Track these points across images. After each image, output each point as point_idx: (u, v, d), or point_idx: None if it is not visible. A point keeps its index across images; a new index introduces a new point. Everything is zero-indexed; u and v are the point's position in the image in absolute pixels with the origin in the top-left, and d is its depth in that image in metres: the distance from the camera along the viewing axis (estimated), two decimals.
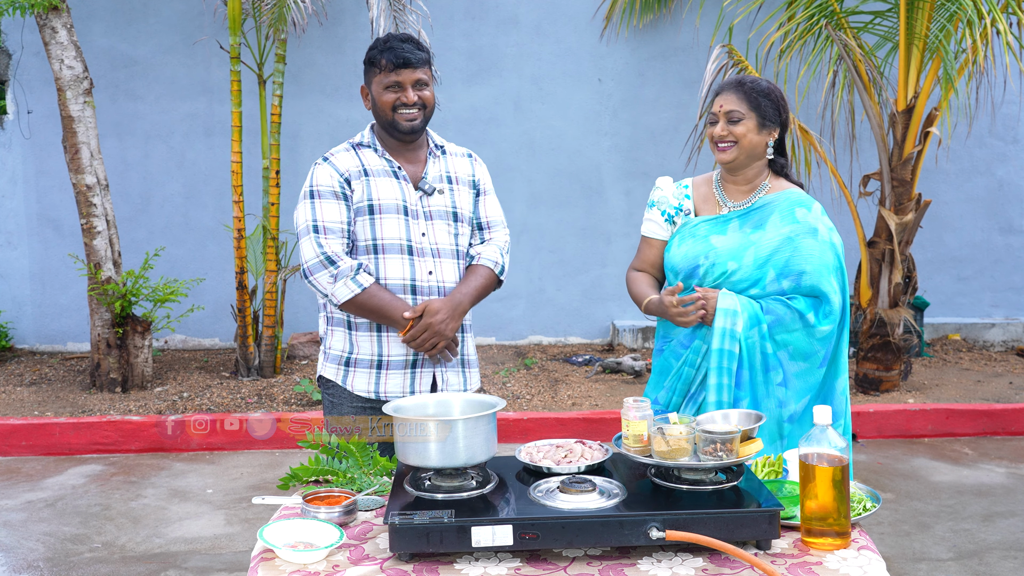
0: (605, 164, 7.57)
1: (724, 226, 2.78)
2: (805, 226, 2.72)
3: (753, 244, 2.72)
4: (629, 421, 2.21)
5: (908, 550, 4.24)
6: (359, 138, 2.92)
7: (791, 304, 2.68)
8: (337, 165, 2.84)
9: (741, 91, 2.75)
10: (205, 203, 7.46)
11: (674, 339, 2.82)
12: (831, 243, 2.74)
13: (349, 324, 2.86)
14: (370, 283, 2.76)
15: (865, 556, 1.98)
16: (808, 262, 2.69)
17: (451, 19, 7.37)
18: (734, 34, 6.92)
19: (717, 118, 2.76)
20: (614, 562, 1.96)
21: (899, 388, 6.30)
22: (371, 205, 2.81)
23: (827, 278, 2.70)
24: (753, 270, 2.71)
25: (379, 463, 2.47)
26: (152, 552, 4.29)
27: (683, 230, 2.83)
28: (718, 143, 2.77)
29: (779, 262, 2.70)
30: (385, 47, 2.80)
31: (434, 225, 2.86)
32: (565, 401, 6.16)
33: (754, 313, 2.68)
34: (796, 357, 2.71)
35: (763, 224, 2.75)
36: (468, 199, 2.95)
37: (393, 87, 2.80)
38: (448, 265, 2.88)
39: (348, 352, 2.87)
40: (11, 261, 7.49)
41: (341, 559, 2.00)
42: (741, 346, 2.66)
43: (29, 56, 7.27)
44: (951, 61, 5.67)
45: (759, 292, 2.71)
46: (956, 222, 7.69)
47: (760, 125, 2.74)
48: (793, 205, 2.76)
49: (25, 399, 6.24)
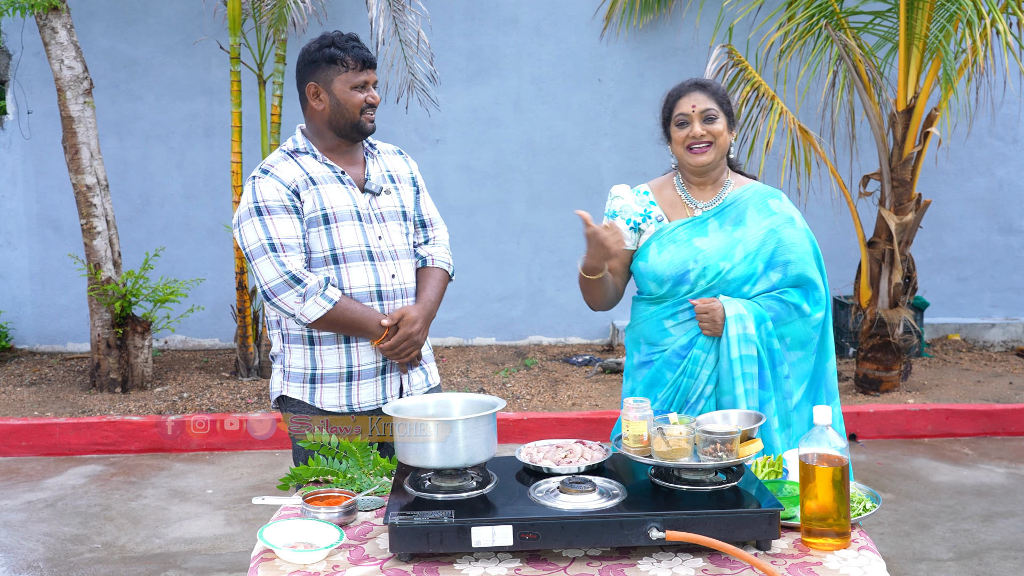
0: (605, 164, 7.57)
1: (703, 227, 2.74)
2: (783, 216, 2.74)
3: (740, 241, 2.71)
4: (629, 421, 2.21)
5: (908, 550, 4.24)
6: (292, 144, 2.78)
7: (784, 299, 2.70)
8: (281, 177, 2.69)
9: (708, 91, 2.73)
10: (205, 203, 7.46)
11: (668, 349, 2.75)
12: (806, 229, 2.78)
13: (310, 339, 2.73)
14: (339, 297, 2.65)
15: (865, 556, 1.98)
16: (792, 251, 2.71)
17: (451, 19, 7.37)
18: (734, 34, 6.92)
19: (688, 119, 2.70)
20: (614, 562, 1.96)
21: (899, 388, 6.30)
22: (325, 214, 2.68)
23: (811, 264, 2.73)
24: (745, 267, 2.69)
25: (379, 463, 2.46)
26: (152, 552, 4.29)
27: (660, 237, 2.75)
28: (692, 145, 2.70)
29: (766, 255, 2.70)
30: (348, 45, 2.69)
31: (388, 227, 2.78)
32: (565, 401, 6.16)
33: (758, 313, 2.68)
34: (794, 347, 2.73)
35: (742, 220, 2.73)
36: (411, 197, 2.88)
37: (360, 87, 2.71)
38: (406, 266, 2.81)
39: (311, 368, 2.75)
40: (11, 261, 7.49)
41: (341, 559, 2.00)
42: (758, 347, 2.66)
43: (29, 56, 7.27)
44: (951, 61, 5.67)
45: (750, 288, 2.71)
46: (956, 222, 7.69)
47: (729, 124, 2.74)
48: (765, 197, 2.77)
49: (25, 399, 6.24)
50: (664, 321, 2.75)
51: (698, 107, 2.70)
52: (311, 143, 2.78)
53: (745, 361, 2.64)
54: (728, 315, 2.64)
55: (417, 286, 2.85)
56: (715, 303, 2.66)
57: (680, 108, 2.72)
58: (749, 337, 2.64)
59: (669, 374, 2.74)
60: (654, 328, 2.77)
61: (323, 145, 2.78)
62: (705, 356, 2.69)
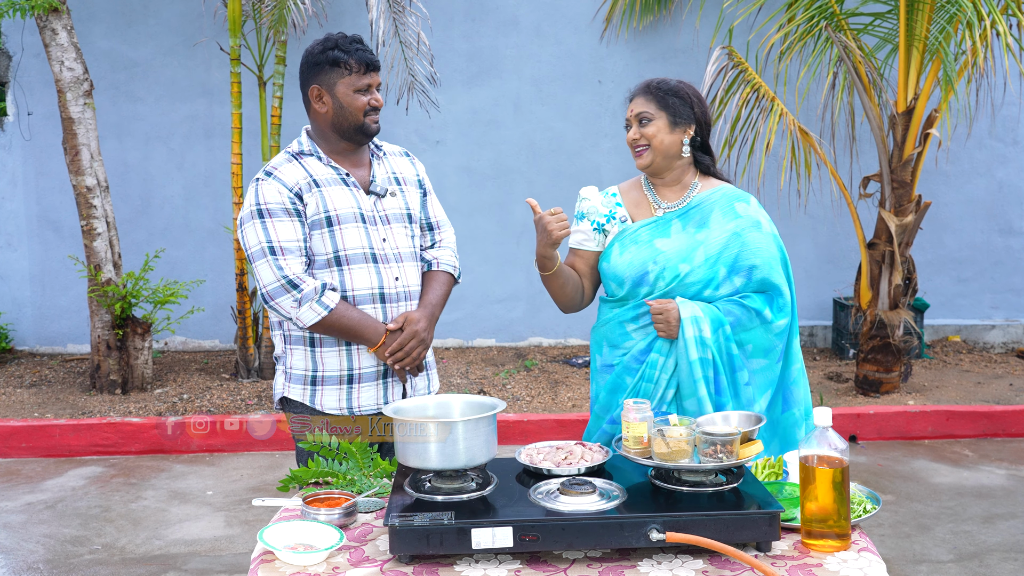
0: (605, 166, 7.57)
1: (666, 228, 2.70)
2: (748, 219, 2.68)
3: (701, 243, 2.66)
4: (629, 423, 2.21)
5: (908, 552, 4.23)
6: (297, 146, 2.78)
7: (746, 303, 2.64)
8: (284, 180, 2.69)
9: (648, 92, 2.71)
10: (205, 205, 7.46)
11: (627, 353, 2.72)
12: (774, 235, 2.71)
13: (311, 341, 2.73)
14: (336, 303, 2.65)
15: (865, 558, 1.98)
16: (757, 255, 2.65)
17: (451, 21, 7.37)
18: (734, 36, 6.92)
19: (630, 123, 2.72)
20: (614, 564, 1.96)
21: (899, 390, 6.30)
22: (328, 217, 2.68)
23: (776, 270, 2.66)
24: (706, 270, 2.64)
25: (379, 465, 2.46)
26: (152, 554, 4.29)
27: (622, 237, 2.72)
28: (634, 148, 2.71)
29: (728, 258, 2.65)
30: (351, 48, 2.69)
31: (392, 229, 2.77)
32: (565, 403, 6.16)
33: (716, 316, 2.62)
34: (756, 354, 2.67)
35: (706, 222, 2.68)
36: (416, 199, 2.87)
37: (364, 90, 2.70)
38: (411, 269, 2.80)
39: (312, 370, 2.75)
40: (11, 263, 7.49)
41: (341, 561, 2.00)
42: (712, 352, 2.60)
43: (29, 58, 7.27)
44: (951, 63, 5.67)
45: (712, 293, 2.65)
46: (956, 224, 7.69)
47: (672, 124, 2.68)
48: (731, 200, 2.71)
49: (25, 401, 6.24)
50: (626, 324, 2.71)
51: (634, 111, 2.70)
52: (316, 145, 2.77)
53: (703, 364, 2.59)
54: (683, 316, 2.59)
55: (421, 289, 2.84)
56: (670, 304, 2.61)
57: (627, 111, 2.75)
58: (704, 340, 2.59)
59: (629, 379, 2.70)
60: (615, 330, 2.73)
61: (328, 147, 2.77)
62: (664, 360, 2.64)
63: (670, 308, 2.60)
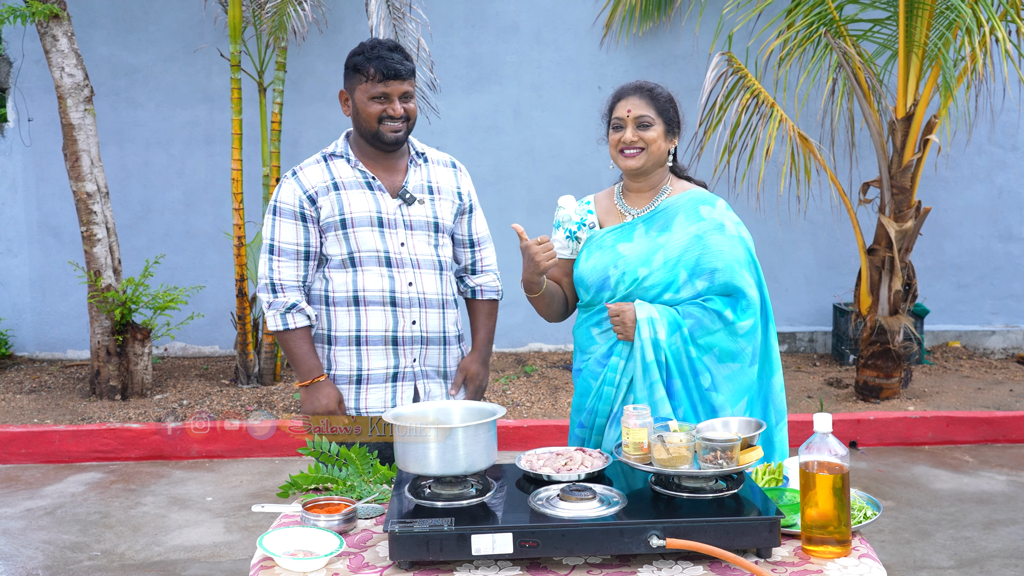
0: (605, 172, 7.54)
1: (630, 233, 2.70)
2: (711, 223, 2.65)
3: (661, 247, 2.64)
4: (629, 429, 2.21)
5: (909, 558, 4.23)
6: (332, 147, 2.84)
7: (706, 305, 2.60)
8: (303, 182, 2.77)
9: (649, 96, 2.70)
10: (205, 210, 7.47)
11: (590, 356, 2.72)
12: (739, 236, 2.67)
13: (328, 339, 2.81)
14: (295, 325, 2.76)
15: (866, 564, 1.98)
16: (719, 258, 2.61)
17: (451, 27, 7.38)
18: (733, 42, 6.93)
19: (623, 123, 2.69)
20: (614, 570, 1.95)
21: (899, 395, 6.30)
22: (343, 219, 2.74)
23: (739, 272, 2.62)
24: (664, 273, 2.62)
25: (379, 471, 2.46)
26: (152, 560, 4.28)
27: (589, 243, 2.75)
28: (624, 149, 2.69)
29: (689, 262, 2.62)
30: (373, 55, 2.71)
31: (414, 235, 2.80)
32: (565, 409, 6.15)
33: (672, 319, 2.59)
34: (724, 359, 2.62)
35: (668, 226, 2.67)
36: (450, 210, 2.88)
37: (380, 98, 2.72)
38: (428, 277, 2.82)
39: (327, 368, 2.82)
40: (11, 268, 7.49)
41: (341, 567, 1.99)
42: (667, 354, 2.58)
43: (30, 64, 7.28)
44: (950, 69, 5.68)
45: (672, 296, 2.63)
46: (956, 229, 7.69)
47: (667, 132, 2.70)
48: (696, 203, 2.69)
49: (25, 407, 6.24)
50: (591, 328, 2.73)
51: (633, 112, 2.68)
52: (350, 148, 2.83)
53: (655, 367, 2.57)
54: (638, 318, 2.57)
55: (471, 324, 2.98)
56: (626, 306, 2.61)
57: (617, 111, 2.72)
58: (658, 342, 2.56)
59: (592, 382, 2.70)
60: (584, 335, 2.76)
61: (360, 151, 2.83)
62: (624, 363, 2.63)
63: (626, 310, 2.60)
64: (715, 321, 2.60)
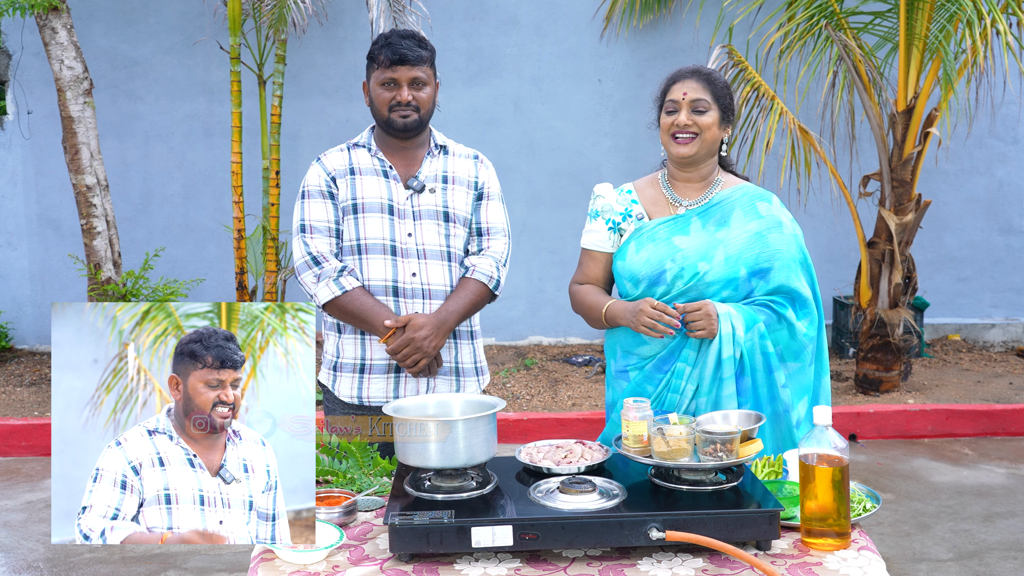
0: (605, 164, 7.57)
1: (685, 226, 2.59)
2: (770, 220, 2.60)
3: (721, 242, 2.56)
4: (629, 422, 2.21)
5: (908, 551, 4.24)
6: (357, 138, 2.89)
7: (773, 305, 2.55)
8: (326, 164, 2.83)
9: (706, 80, 2.58)
10: (205, 203, 7.46)
11: (649, 360, 2.60)
12: (795, 235, 2.64)
13: (339, 328, 2.82)
14: (353, 287, 2.71)
15: (865, 556, 1.98)
16: (777, 258, 2.56)
17: (451, 20, 7.37)
18: (734, 35, 6.92)
19: (677, 107, 2.56)
20: (614, 562, 1.96)
21: (899, 388, 6.30)
22: (355, 204, 2.78)
23: (795, 272, 2.58)
24: (726, 269, 2.54)
25: (379, 464, 2.47)
26: (152, 552, 4.29)
27: (639, 235, 2.61)
28: (677, 134, 2.57)
29: (749, 260, 2.55)
30: (385, 43, 2.75)
31: (422, 225, 2.78)
32: (565, 401, 6.16)
33: (749, 315, 2.52)
34: (788, 357, 2.58)
35: (727, 221, 2.59)
36: (464, 200, 2.84)
37: (388, 84, 2.74)
38: (435, 267, 2.79)
39: (336, 356, 2.83)
40: (11, 261, 7.49)
41: (341, 559, 2.00)
42: (743, 351, 2.50)
43: (29, 56, 7.27)
44: (951, 62, 5.67)
45: (731, 293, 2.55)
46: (956, 223, 7.69)
47: (722, 119, 2.59)
48: (753, 199, 2.63)
49: (25, 399, 6.24)
50: None
51: (689, 95, 2.55)
52: (373, 138, 2.87)
53: (735, 363, 2.50)
54: (719, 312, 2.48)
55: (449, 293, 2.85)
56: (705, 302, 2.48)
57: (672, 94, 2.59)
58: (737, 339, 2.48)
59: (650, 388, 2.58)
60: (629, 334, 2.62)
61: (380, 141, 2.86)
62: (691, 370, 2.53)
63: (708, 305, 2.47)
64: (779, 321, 2.55)
